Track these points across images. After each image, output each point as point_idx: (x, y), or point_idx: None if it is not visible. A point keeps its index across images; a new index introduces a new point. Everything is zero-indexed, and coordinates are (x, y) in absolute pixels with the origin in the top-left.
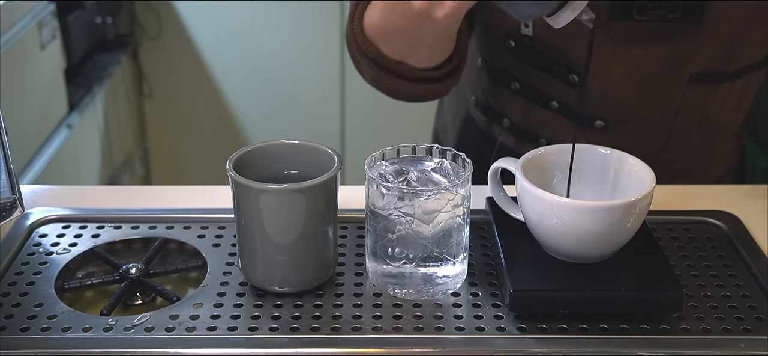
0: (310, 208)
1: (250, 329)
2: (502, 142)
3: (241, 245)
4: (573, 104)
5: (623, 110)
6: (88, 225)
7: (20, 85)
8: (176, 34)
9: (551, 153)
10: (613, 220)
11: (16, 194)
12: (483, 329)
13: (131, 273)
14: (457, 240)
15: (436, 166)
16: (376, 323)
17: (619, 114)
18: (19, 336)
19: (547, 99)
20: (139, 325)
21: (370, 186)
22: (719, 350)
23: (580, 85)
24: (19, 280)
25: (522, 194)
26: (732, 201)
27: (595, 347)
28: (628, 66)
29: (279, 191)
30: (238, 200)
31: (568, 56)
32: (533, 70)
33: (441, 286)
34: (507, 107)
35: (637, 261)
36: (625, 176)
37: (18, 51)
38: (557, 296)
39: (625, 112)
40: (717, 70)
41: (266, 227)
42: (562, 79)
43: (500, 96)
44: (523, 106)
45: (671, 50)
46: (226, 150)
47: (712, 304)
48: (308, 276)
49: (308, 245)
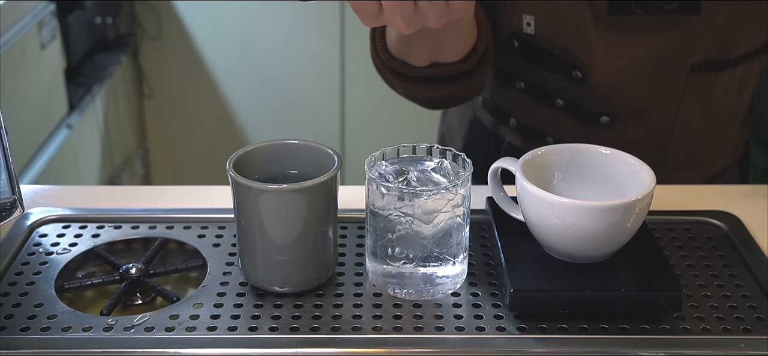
0: (310, 208)
1: (250, 329)
2: (510, 142)
3: (241, 245)
4: (578, 101)
5: (627, 103)
6: (88, 225)
7: (20, 85)
8: (176, 34)
9: (551, 153)
10: (613, 220)
11: (16, 194)
12: (483, 329)
13: (131, 273)
14: (457, 240)
15: (436, 166)
16: (376, 323)
17: (624, 108)
18: (19, 336)
19: (552, 97)
20: (139, 325)
21: (370, 186)
22: (719, 350)
23: (584, 82)
24: (19, 280)
25: (522, 194)
26: (732, 201)
27: (595, 347)
28: (629, 60)
29: (279, 191)
30: (238, 200)
31: (570, 53)
32: (537, 68)
33: (441, 286)
34: (513, 107)
35: (637, 261)
36: (625, 176)
37: (18, 51)
38: (557, 296)
39: (629, 106)
40: (717, 58)
41: (266, 227)
42: (565, 76)
43: (506, 96)
44: (529, 105)
45: (671, 41)
46: (226, 150)
47: (712, 304)
48: (308, 276)
49: (308, 245)
